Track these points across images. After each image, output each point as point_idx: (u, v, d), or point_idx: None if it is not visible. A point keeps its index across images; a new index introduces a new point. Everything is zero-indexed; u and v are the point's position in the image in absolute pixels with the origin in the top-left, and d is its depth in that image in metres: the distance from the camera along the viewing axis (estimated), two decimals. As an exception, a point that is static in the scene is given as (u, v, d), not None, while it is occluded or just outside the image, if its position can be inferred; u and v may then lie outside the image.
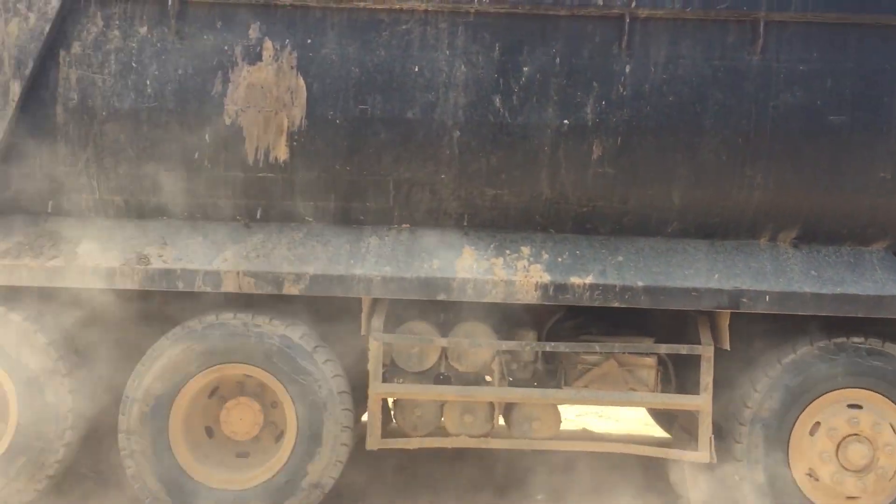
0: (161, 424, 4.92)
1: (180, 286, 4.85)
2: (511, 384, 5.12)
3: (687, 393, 5.14)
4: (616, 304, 4.83)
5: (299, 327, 4.96)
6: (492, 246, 5.03)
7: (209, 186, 4.98)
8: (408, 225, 5.10)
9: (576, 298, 4.85)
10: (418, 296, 4.86)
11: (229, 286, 4.84)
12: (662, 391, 5.18)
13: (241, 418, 5.07)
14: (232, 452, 5.14)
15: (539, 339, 5.23)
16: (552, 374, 5.22)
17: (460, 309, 5.14)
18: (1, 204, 4.98)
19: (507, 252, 5.00)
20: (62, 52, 4.81)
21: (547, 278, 4.86)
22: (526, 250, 5.01)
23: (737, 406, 5.04)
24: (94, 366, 5.11)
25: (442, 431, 5.15)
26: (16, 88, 4.75)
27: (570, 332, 5.31)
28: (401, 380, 5.10)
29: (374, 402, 5.00)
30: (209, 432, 5.14)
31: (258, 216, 5.06)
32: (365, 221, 5.09)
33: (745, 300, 4.82)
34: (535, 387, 5.13)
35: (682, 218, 5.01)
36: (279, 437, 5.07)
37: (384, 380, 5.02)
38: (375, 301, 5.01)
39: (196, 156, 4.91)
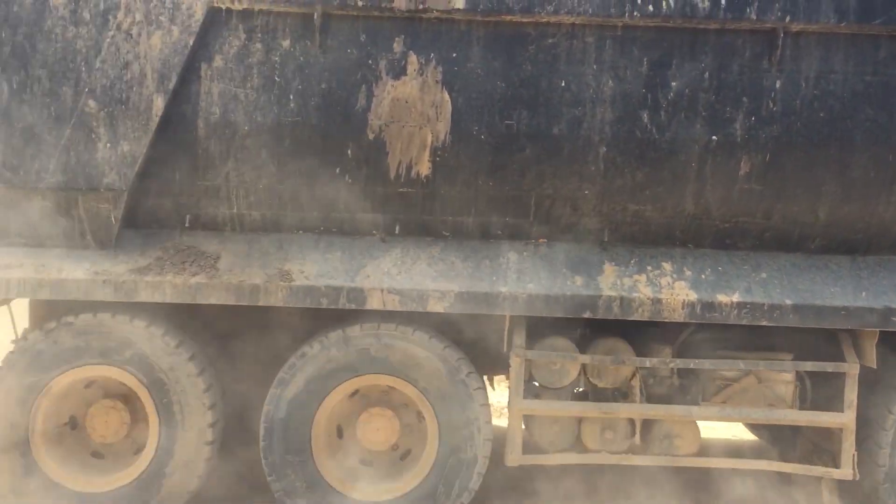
0: (304, 435, 4.92)
1: (324, 303, 4.81)
2: (647, 400, 5.09)
3: (820, 409, 5.11)
4: (764, 323, 4.79)
5: (455, 350, 4.95)
6: (632, 262, 4.98)
7: (348, 201, 4.92)
8: (545, 240, 5.06)
9: (723, 317, 4.81)
10: (564, 314, 4.82)
11: (374, 304, 4.80)
12: (799, 408, 5.14)
13: (378, 429, 5.06)
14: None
15: (672, 354, 5.18)
16: (686, 389, 5.18)
17: (595, 324, 5.09)
18: (138, 217, 4.93)
19: (649, 268, 4.96)
20: (204, 66, 4.74)
21: (693, 296, 4.82)
22: (667, 266, 4.96)
23: (875, 427, 5.02)
24: (231, 376, 5.10)
25: (579, 447, 5.12)
26: (159, 103, 4.69)
27: (701, 347, 5.26)
28: (539, 396, 5.07)
29: (515, 418, 4.97)
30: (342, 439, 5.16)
31: (396, 231, 5.01)
32: (502, 236, 5.04)
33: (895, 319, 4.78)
34: (671, 402, 5.10)
35: (826, 234, 4.96)
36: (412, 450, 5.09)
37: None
38: (515, 317, 4.97)
39: (337, 170, 4.85)
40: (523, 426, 5.33)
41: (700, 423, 5.20)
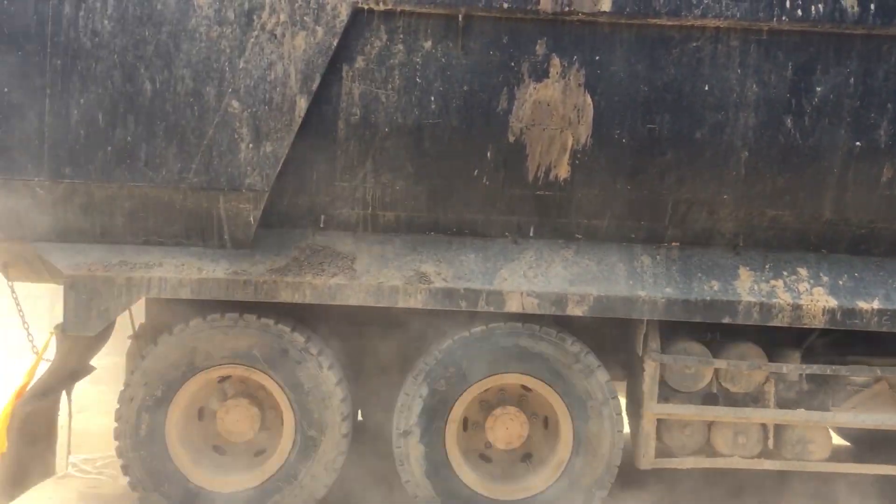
0: (437, 433, 4.93)
1: (463, 306, 4.81)
2: (777, 405, 5.08)
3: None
4: (905, 331, 4.79)
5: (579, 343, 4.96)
6: (766, 267, 4.97)
7: (484, 203, 4.92)
8: (677, 244, 5.04)
9: (863, 323, 4.80)
10: (702, 318, 4.82)
11: (513, 306, 4.80)
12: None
13: (506, 427, 5.06)
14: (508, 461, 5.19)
15: (799, 359, 5.17)
16: (814, 394, 5.17)
17: (726, 328, 5.08)
18: (272, 217, 4.91)
19: (785, 273, 4.94)
20: (345, 67, 4.72)
21: (833, 302, 4.80)
22: (803, 272, 4.95)
23: None
24: (364, 376, 5.13)
25: (708, 451, 5.11)
26: (302, 104, 4.66)
27: (827, 352, 5.24)
28: (669, 400, 5.06)
29: (648, 422, 4.98)
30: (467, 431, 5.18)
31: (531, 233, 5.00)
32: (635, 240, 5.02)
33: None
34: (799, 407, 5.09)
35: (964, 241, 4.95)
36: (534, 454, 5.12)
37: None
38: (649, 321, 4.96)
39: (475, 172, 4.84)
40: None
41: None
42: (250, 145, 4.69)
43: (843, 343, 5.27)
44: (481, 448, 5.16)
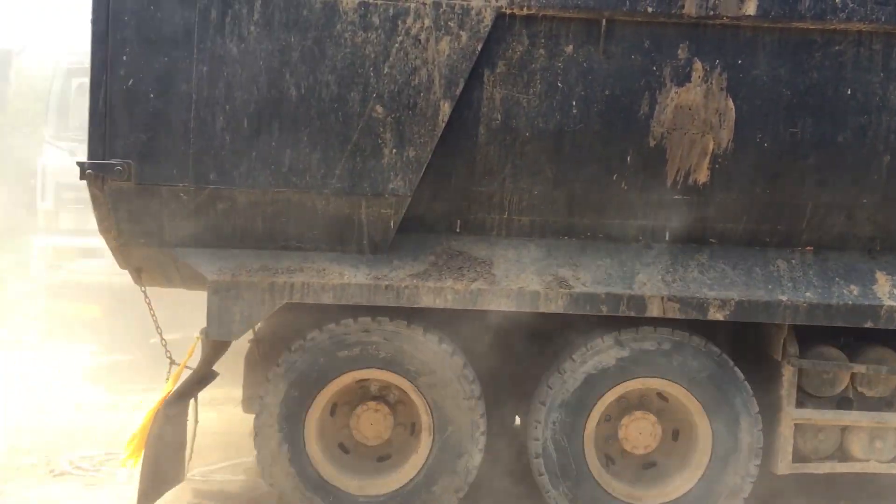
0: (578, 437, 4.94)
1: (604, 310, 4.81)
2: (906, 409, 5.09)
3: None
4: None
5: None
6: (904, 270, 4.97)
7: (620, 208, 4.92)
8: (811, 248, 5.03)
9: None
10: (844, 323, 4.81)
11: (653, 311, 4.79)
12: None
13: (639, 433, 5.08)
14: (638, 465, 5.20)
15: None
16: (944, 398, 5.17)
17: (856, 333, 5.06)
18: (408, 222, 4.89)
19: (924, 277, 4.94)
20: (487, 72, 4.72)
21: (977, 307, 4.80)
22: (942, 276, 4.94)
23: None
24: (498, 382, 5.13)
25: (841, 455, 5.10)
26: (446, 108, 4.67)
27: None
28: (804, 405, 5.04)
29: (787, 427, 4.96)
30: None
31: (666, 238, 5.00)
32: (769, 244, 5.01)
33: None
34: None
35: None
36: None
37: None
38: (784, 326, 4.95)
39: (614, 177, 4.84)
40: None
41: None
42: (394, 150, 4.70)
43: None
44: (612, 451, 5.17)
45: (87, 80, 8.90)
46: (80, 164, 4.66)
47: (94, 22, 4.60)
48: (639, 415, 5.07)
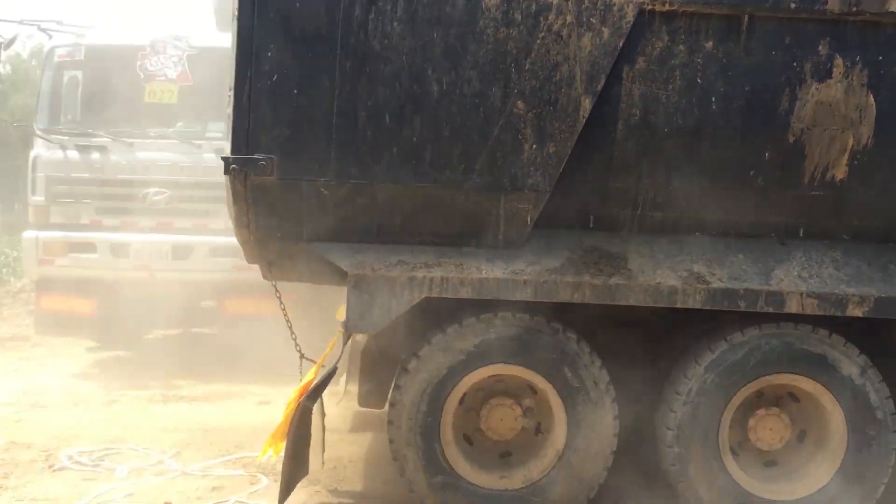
0: (712, 432, 4.95)
1: (742, 306, 4.81)
2: None
3: None
4: None
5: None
6: None
7: (756, 204, 4.92)
8: (947, 244, 5.02)
9: None
10: (985, 319, 4.81)
11: (792, 307, 4.79)
12: None
13: (770, 428, 5.09)
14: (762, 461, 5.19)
15: None
16: None
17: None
18: (541, 217, 4.89)
19: None
20: (626, 68, 4.73)
21: None
22: None
23: None
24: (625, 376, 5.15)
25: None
26: (587, 105, 4.68)
27: None
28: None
29: (922, 424, 4.96)
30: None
31: (800, 234, 4.99)
32: (903, 239, 5.01)
33: None
34: None
35: None
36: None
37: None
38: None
39: (751, 173, 4.84)
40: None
41: None
42: (534, 146, 4.72)
43: None
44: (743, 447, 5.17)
45: (78, 73, 9.09)
46: (224, 158, 4.71)
47: (240, 19, 4.64)
48: (769, 411, 5.07)
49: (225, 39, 9.55)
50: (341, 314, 7.49)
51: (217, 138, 8.82)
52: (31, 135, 9.30)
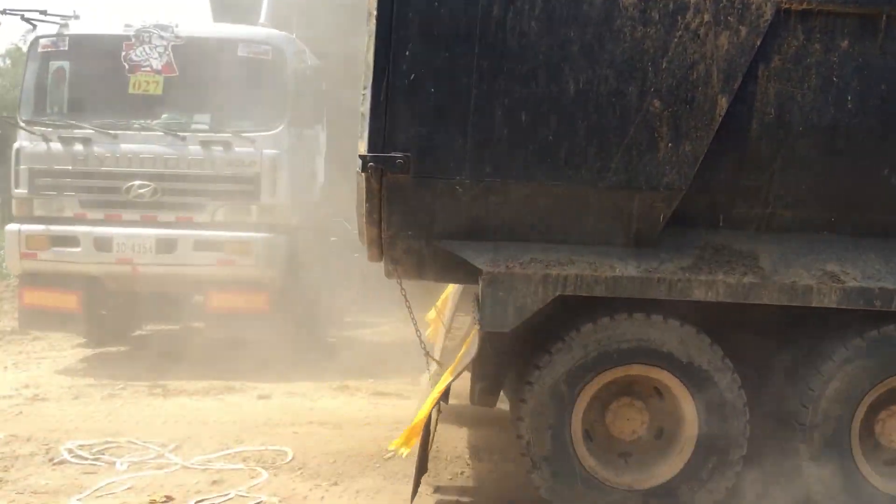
0: (844, 430, 4.95)
1: (877, 305, 4.81)
2: None
3: None
4: None
5: None
6: None
7: (888, 203, 4.91)
8: None
9: None
10: None
11: (928, 306, 4.80)
12: None
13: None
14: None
15: None
16: None
17: None
18: (672, 216, 4.94)
19: None
20: (761, 66, 4.74)
21: None
22: None
23: None
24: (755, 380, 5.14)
25: None
26: (723, 103, 4.69)
27: None
28: None
29: None
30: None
31: (934, 233, 5.00)
32: None
33: None
34: None
35: None
36: None
37: None
38: None
39: (885, 172, 4.84)
40: None
41: None
42: (669, 144, 4.73)
43: None
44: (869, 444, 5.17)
45: (64, 64, 8.94)
46: (362, 156, 4.74)
47: (378, 19, 4.67)
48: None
49: (215, 30, 9.43)
50: (431, 315, 7.58)
51: (202, 130, 8.79)
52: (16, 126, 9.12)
